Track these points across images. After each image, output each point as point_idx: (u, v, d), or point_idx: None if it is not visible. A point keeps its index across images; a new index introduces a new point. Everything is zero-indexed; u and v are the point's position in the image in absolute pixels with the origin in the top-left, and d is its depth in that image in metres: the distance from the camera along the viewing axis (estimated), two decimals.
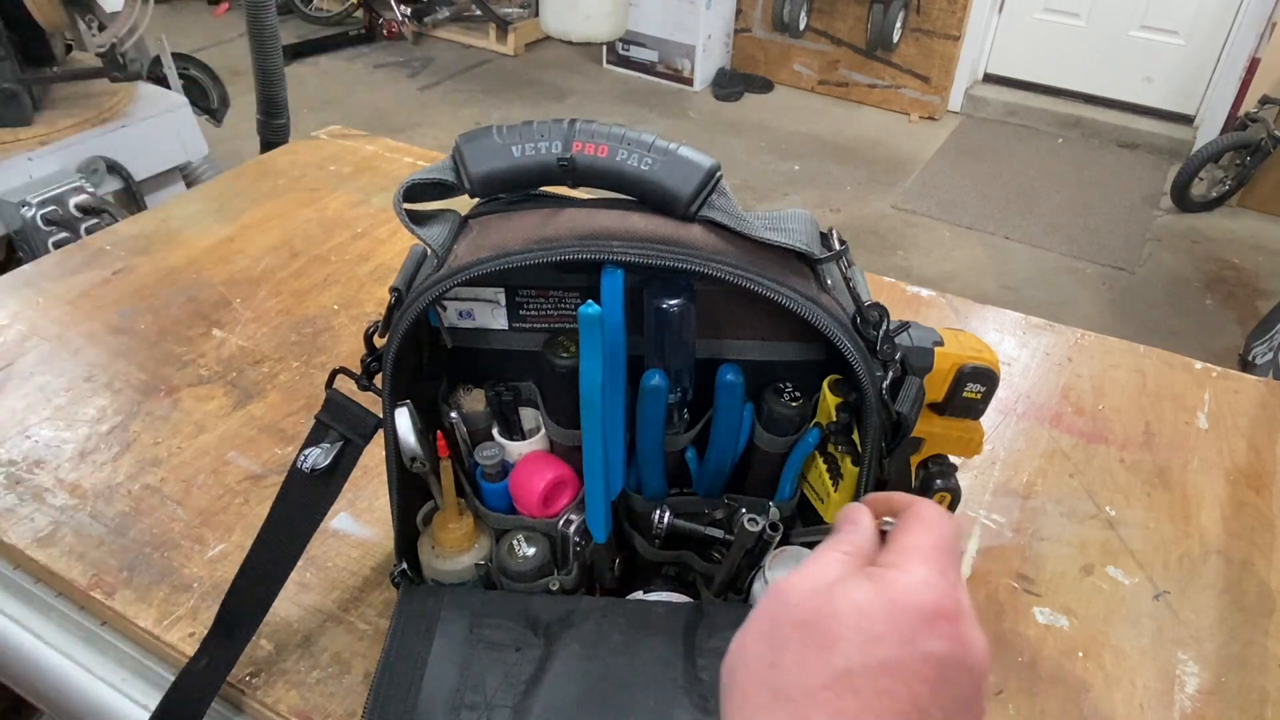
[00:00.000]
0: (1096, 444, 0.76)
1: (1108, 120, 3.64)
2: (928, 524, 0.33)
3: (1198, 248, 2.99)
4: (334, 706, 0.52)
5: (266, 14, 1.52)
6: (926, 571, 0.31)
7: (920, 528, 0.33)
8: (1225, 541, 0.67)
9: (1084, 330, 0.90)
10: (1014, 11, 3.72)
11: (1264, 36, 3.22)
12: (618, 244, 0.41)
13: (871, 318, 0.43)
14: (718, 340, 0.48)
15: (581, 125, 0.42)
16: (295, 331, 0.85)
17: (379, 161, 1.17)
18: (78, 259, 0.94)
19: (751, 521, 0.47)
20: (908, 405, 0.42)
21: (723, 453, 0.50)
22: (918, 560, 0.31)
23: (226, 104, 1.97)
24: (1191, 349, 1.75)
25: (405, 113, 3.72)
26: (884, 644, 0.29)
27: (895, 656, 0.29)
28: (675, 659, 0.46)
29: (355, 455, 0.50)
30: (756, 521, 0.47)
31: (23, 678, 0.62)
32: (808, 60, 3.97)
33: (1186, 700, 0.56)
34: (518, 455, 0.52)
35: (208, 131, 1.78)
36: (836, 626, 0.29)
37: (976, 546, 0.66)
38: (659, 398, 0.46)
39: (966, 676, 0.29)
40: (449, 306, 0.48)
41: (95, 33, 1.46)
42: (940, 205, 3.16)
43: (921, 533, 0.33)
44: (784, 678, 0.29)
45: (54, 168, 1.48)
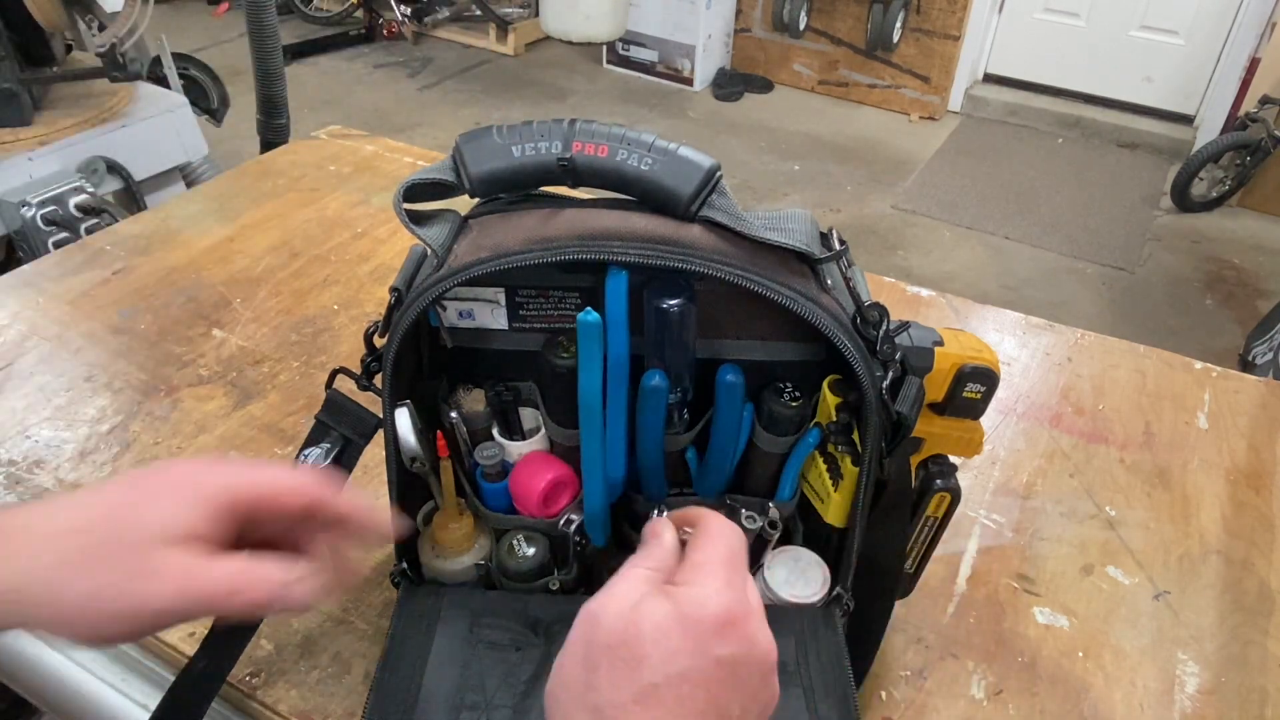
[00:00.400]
0: (1096, 444, 0.76)
1: (1108, 120, 3.64)
2: (714, 537, 0.37)
3: (1198, 248, 2.99)
4: (334, 706, 0.52)
5: (266, 14, 1.52)
6: (715, 583, 0.35)
7: (708, 542, 0.37)
8: (1225, 541, 0.67)
9: (1084, 330, 0.90)
10: (1014, 11, 3.72)
11: (1264, 36, 3.22)
12: (618, 244, 0.41)
13: (871, 318, 0.43)
14: (718, 340, 0.48)
15: (581, 125, 0.42)
16: (295, 331, 0.85)
17: (379, 161, 1.17)
18: (78, 259, 0.95)
19: (749, 519, 0.47)
20: (908, 405, 0.42)
21: (723, 453, 0.50)
22: (707, 574, 0.35)
23: (226, 104, 1.97)
24: (1191, 349, 1.75)
25: (405, 113, 3.72)
26: (681, 656, 0.33)
27: (692, 665, 0.33)
28: None
29: (355, 455, 0.50)
30: (755, 520, 0.47)
31: (23, 678, 0.62)
32: (808, 60, 3.97)
33: (1186, 700, 0.56)
34: (518, 455, 0.52)
35: (208, 131, 1.78)
36: (641, 646, 0.33)
37: (976, 546, 0.66)
38: (659, 398, 0.46)
39: (755, 669, 0.34)
40: (449, 306, 0.48)
41: (95, 33, 1.47)
42: (940, 205, 3.16)
43: (709, 546, 0.37)
44: (599, 697, 0.33)
45: (54, 168, 1.48)
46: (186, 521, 0.36)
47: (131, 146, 1.59)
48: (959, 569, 0.64)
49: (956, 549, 0.65)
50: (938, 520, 0.50)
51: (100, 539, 0.35)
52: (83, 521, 0.36)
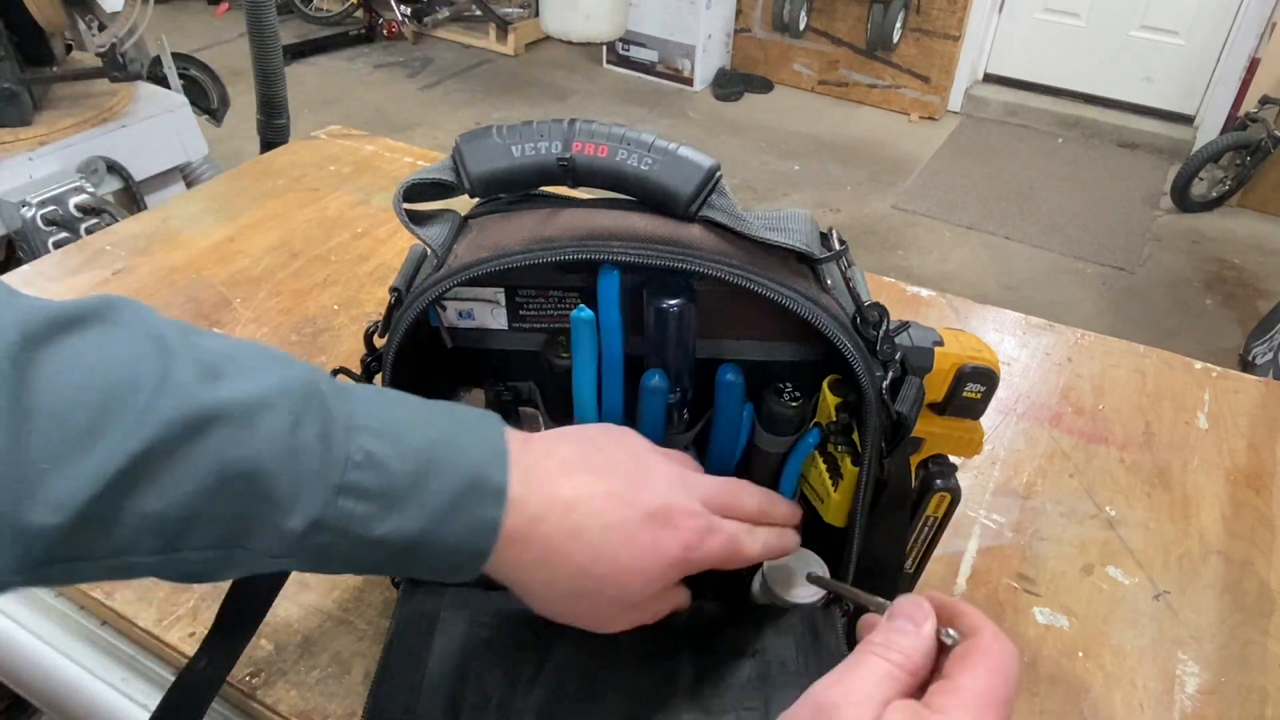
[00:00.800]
0: (1096, 444, 0.76)
1: (1108, 120, 3.64)
2: (990, 664, 0.32)
3: (1198, 248, 2.99)
4: (334, 706, 0.52)
5: (266, 14, 1.52)
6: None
7: (981, 666, 0.32)
8: (1225, 541, 0.67)
9: (1084, 330, 0.90)
10: (1014, 11, 3.72)
11: (1264, 36, 3.22)
12: (617, 244, 0.41)
13: (871, 318, 0.43)
14: (718, 340, 0.48)
15: (581, 125, 0.42)
16: (295, 331, 0.85)
17: (379, 161, 1.17)
18: (78, 259, 0.95)
19: None
20: (907, 405, 0.42)
21: (722, 453, 0.50)
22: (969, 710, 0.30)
23: (226, 104, 1.97)
24: (1191, 349, 1.75)
25: (405, 113, 3.73)
26: None
27: None
28: (675, 659, 0.46)
29: None
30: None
31: (23, 678, 0.62)
32: (808, 60, 3.97)
33: (1186, 700, 0.56)
34: None
35: (208, 131, 1.78)
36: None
37: (976, 546, 0.66)
38: (658, 398, 0.46)
39: None
40: (449, 306, 0.48)
41: (95, 33, 1.47)
42: (940, 205, 3.16)
43: (981, 675, 0.32)
44: None
45: (54, 168, 1.48)
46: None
47: (131, 146, 1.59)
48: (959, 569, 0.64)
49: (956, 549, 0.65)
50: (938, 520, 0.50)
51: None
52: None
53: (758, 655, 0.46)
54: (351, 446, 0.34)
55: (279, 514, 0.33)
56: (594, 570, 0.38)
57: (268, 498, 0.32)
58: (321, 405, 0.34)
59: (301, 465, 0.33)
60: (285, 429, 0.33)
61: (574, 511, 0.38)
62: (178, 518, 0.31)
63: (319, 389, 0.35)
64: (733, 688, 0.45)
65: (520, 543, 0.37)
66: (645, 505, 0.39)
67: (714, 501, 0.42)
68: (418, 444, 0.36)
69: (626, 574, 0.39)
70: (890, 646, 0.33)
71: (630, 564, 0.39)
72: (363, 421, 0.35)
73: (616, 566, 0.39)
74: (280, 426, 0.33)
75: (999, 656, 0.32)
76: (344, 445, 0.34)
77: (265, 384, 0.33)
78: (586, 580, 0.39)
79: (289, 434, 0.33)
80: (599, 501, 0.39)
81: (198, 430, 0.31)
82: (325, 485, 0.33)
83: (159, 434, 0.30)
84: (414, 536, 0.35)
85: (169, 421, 0.30)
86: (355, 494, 0.34)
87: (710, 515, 0.41)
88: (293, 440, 0.33)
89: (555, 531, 0.38)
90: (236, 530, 0.32)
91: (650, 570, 0.39)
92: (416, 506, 0.35)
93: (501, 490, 0.37)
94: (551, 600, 0.40)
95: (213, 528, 0.32)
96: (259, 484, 0.32)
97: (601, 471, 0.40)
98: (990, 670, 0.32)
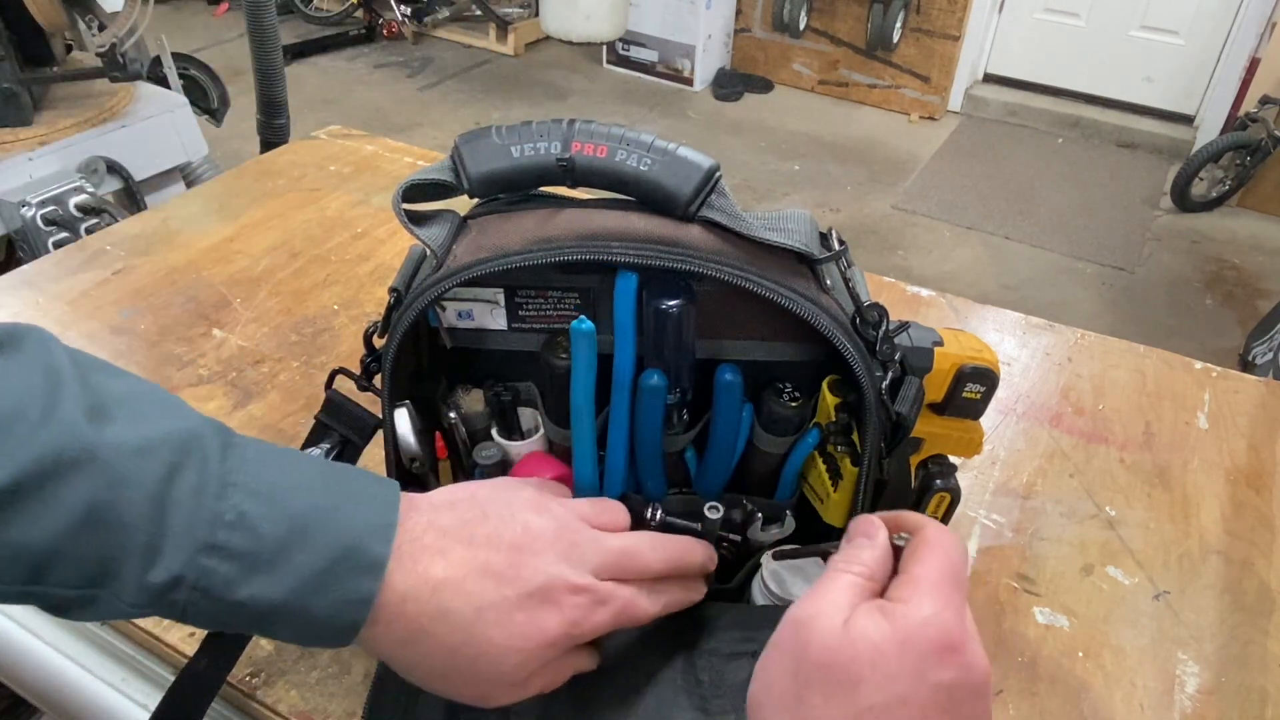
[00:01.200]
0: (1096, 444, 0.76)
1: (1108, 120, 3.64)
2: (935, 549, 0.35)
3: (1198, 248, 2.99)
4: (334, 706, 0.52)
5: (266, 14, 1.52)
6: (934, 605, 0.33)
7: (929, 554, 0.35)
8: (1225, 541, 0.67)
9: (1084, 330, 0.90)
10: (1014, 11, 3.72)
11: (1264, 36, 3.22)
12: (617, 244, 0.41)
13: (871, 318, 0.43)
14: (717, 340, 0.48)
15: (580, 125, 0.42)
16: (295, 331, 0.85)
17: (379, 161, 1.17)
18: (78, 259, 0.95)
19: (712, 509, 0.47)
20: (907, 405, 0.42)
21: (722, 453, 0.50)
22: (926, 593, 0.34)
23: (226, 104, 1.97)
24: (1191, 349, 1.75)
25: (405, 113, 3.73)
26: (899, 680, 0.32)
27: (910, 691, 0.32)
28: (674, 659, 0.46)
29: (355, 456, 0.50)
30: (717, 509, 0.47)
31: (23, 678, 0.62)
32: (808, 60, 3.97)
33: (1186, 700, 0.56)
34: (517, 455, 0.52)
35: (208, 131, 1.78)
36: (857, 668, 0.32)
37: (976, 546, 0.66)
38: (657, 398, 0.46)
39: (975, 697, 0.33)
40: (448, 307, 0.48)
41: (95, 33, 1.47)
42: (940, 205, 3.16)
43: (930, 560, 0.35)
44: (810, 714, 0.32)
45: (54, 168, 1.48)
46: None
47: (131, 146, 1.59)
48: None
49: None
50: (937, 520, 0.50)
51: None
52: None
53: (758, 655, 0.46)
54: (225, 505, 0.34)
55: (141, 564, 0.32)
56: (464, 651, 0.37)
57: (130, 546, 0.32)
58: (203, 459, 0.34)
59: (169, 518, 0.33)
60: (158, 479, 0.33)
61: (442, 592, 0.37)
62: (42, 551, 0.31)
63: (204, 443, 0.34)
64: (733, 688, 0.45)
65: (385, 621, 0.36)
66: (524, 584, 0.38)
67: (609, 568, 0.41)
68: (296, 508, 0.35)
69: (500, 654, 0.38)
70: (851, 560, 0.36)
71: (505, 644, 0.37)
72: (243, 480, 0.35)
73: (489, 647, 0.37)
74: (153, 476, 0.33)
75: (944, 544, 0.36)
76: (217, 503, 0.34)
77: (149, 431, 0.33)
78: (457, 660, 0.38)
79: (161, 484, 0.33)
80: (473, 580, 0.37)
81: (71, 467, 0.31)
82: (191, 541, 0.33)
83: (32, 466, 0.30)
84: (277, 603, 0.34)
85: (42, 456, 0.31)
86: (221, 554, 0.33)
87: (600, 586, 0.40)
88: (164, 491, 0.33)
89: (421, 612, 0.36)
90: (98, 573, 0.32)
91: (526, 650, 0.38)
92: (283, 572, 0.34)
93: (380, 563, 0.36)
94: (425, 678, 0.39)
95: (76, 567, 0.32)
96: (123, 531, 0.32)
97: (481, 545, 0.38)
98: (939, 556, 0.35)
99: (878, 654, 0.32)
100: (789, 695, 0.33)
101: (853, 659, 0.32)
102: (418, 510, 0.38)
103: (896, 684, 0.32)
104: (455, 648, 0.37)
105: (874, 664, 0.32)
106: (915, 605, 0.33)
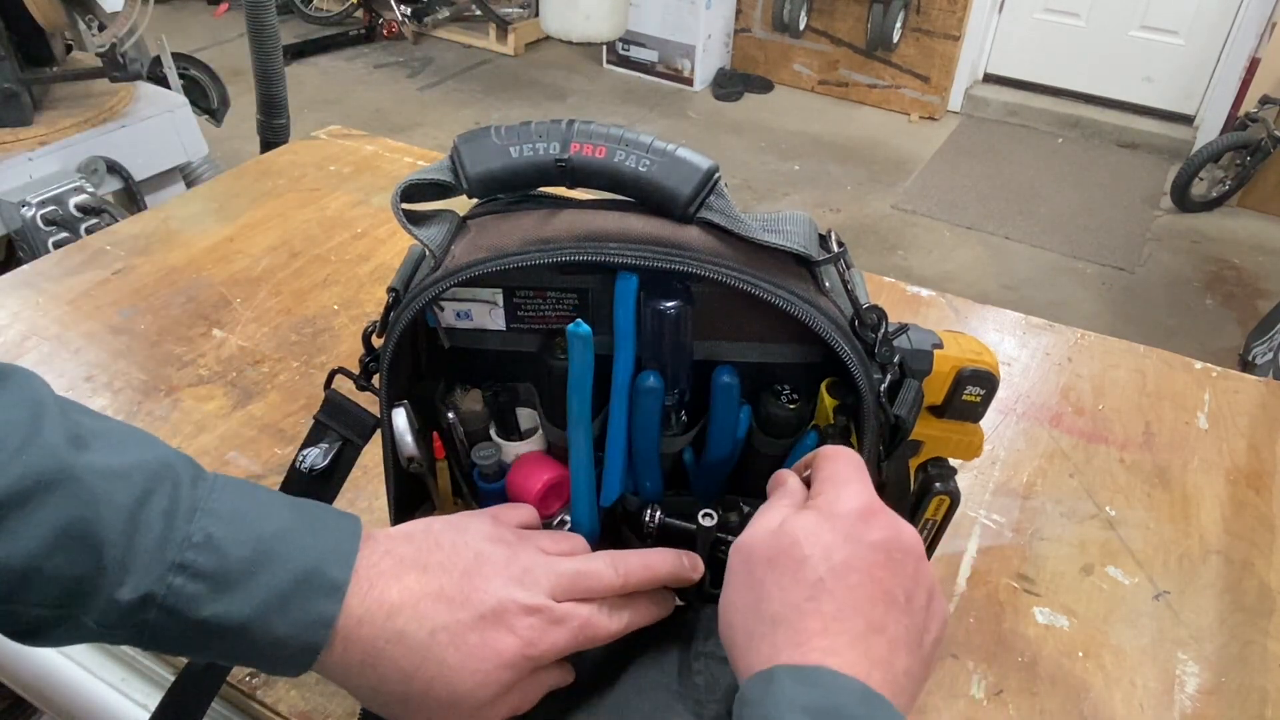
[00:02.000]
0: (1096, 444, 0.76)
1: (1108, 120, 3.64)
2: (832, 458, 0.41)
3: (1198, 248, 2.99)
4: (334, 707, 0.52)
5: (266, 14, 1.52)
6: (845, 489, 0.38)
7: (828, 462, 0.40)
8: (1225, 541, 0.67)
9: (1084, 330, 0.90)
10: (1014, 11, 3.72)
11: (1264, 36, 3.22)
12: (615, 246, 0.41)
13: (870, 320, 0.43)
14: (715, 342, 0.48)
15: (579, 126, 0.42)
16: (295, 331, 0.85)
17: (379, 161, 1.17)
18: (78, 259, 0.95)
19: (706, 516, 0.47)
20: (906, 408, 0.42)
21: (720, 454, 0.50)
22: (838, 483, 0.39)
23: (226, 104, 1.97)
24: (1191, 349, 1.75)
25: (405, 113, 3.73)
26: (837, 548, 0.36)
27: (851, 553, 0.36)
28: (669, 663, 0.46)
29: (354, 455, 0.50)
30: (711, 516, 0.48)
31: (23, 678, 0.62)
32: (808, 60, 3.97)
33: (1186, 700, 0.56)
34: (514, 455, 0.52)
35: (208, 131, 1.78)
36: (798, 550, 0.36)
37: (976, 546, 0.66)
38: (655, 399, 0.46)
39: (910, 555, 0.37)
40: (446, 307, 0.48)
41: (95, 33, 1.47)
42: (940, 205, 3.16)
43: (830, 464, 0.40)
44: (773, 606, 0.35)
45: (54, 168, 1.48)
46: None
47: (131, 146, 1.59)
48: (959, 569, 0.64)
49: (956, 549, 0.65)
50: (937, 523, 0.50)
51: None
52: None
53: None
54: (193, 528, 0.35)
55: (112, 582, 0.34)
56: (420, 674, 0.38)
57: (103, 563, 0.34)
58: (174, 486, 0.36)
59: (141, 538, 0.34)
60: (132, 501, 0.34)
61: (397, 615, 0.38)
62: (20, 569, 0.32)
63: (175, 472, 0.36)
64: (728, 691, 0.45)
65: (341, 644, 0.37)
66: (477, 606, 0.39)
67: (564, 590, 0.41)
68: (261, 532, 0.36)
69: (456, 676, 0.38)
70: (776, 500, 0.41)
71: (460, 665, 0.38)
72: (211, 506, 0.36)
73: (444, 669, 0.38)
74: (128, 498, 0.34)
75: (833, 452, 0.41)
76: (186, 526, 0.35)
77: (125, 459, 0.35)
78: (413, 684, 0.38)
79: (135, 506, 0.34)
80: (426, 604, 0.38)
81: (50, 487, 0.33)
82: (161, 561, 0.34)
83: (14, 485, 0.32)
84: (241, 621, 0.35)
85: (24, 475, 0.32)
86: (188, 573, 0.35)
87: (555, 607, 0.40)
88: (137, 513, 0.34)
89: (377, 635, 0.37)
90: (72, 592, 0.34)
91: (483, 671, 0.38)
92: (247, 592, 0.35)
93: (340, 586, 0.37)
94: (385, 704, 0.39)
95: (50, 586, 0.33)
96: (97, 549, 0.33)
97: (436, 570, 0.40)
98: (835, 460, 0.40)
99: (812, 535, 0.36)
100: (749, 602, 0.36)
101: (793, 543, 0.36)
102: (376, 541, 0.40)
103: (837, 552, 0.36)
104: (411, 671, 0.38)
105: (811, 542, 0.36)
106: (829, 495, 0.38)
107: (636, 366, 0.46)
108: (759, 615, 0.36)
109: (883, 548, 0.36)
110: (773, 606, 0.35)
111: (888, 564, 0.36)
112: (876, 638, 0.34)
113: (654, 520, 0.51)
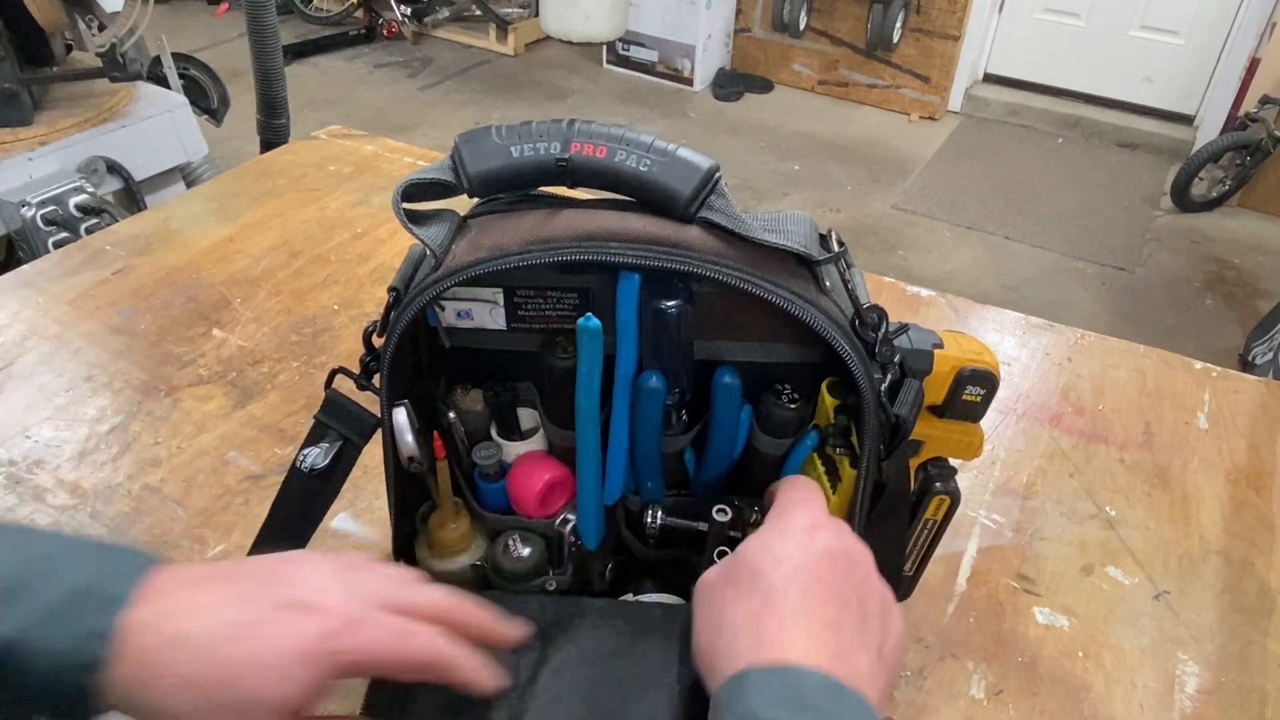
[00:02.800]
0: (1096, 444, 0.76)
1: (1108, 120, 3.64)
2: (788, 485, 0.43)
3: (1198, 248, 2.99)
4: (333, 707, 0.52)
5: (266, 14, 1.52)
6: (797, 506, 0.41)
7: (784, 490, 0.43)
8: (1225, 541, 0.67)
9: (1084, 330, 0.90)
10: (1014, 11, 3.72)
11: (1264, 36, 3.22)
12: (616, 245, 0.41)
13: (870, 320, 0.43)
14: (716, 342, 0.48)
15: (580, 126, 0.42)
16: (295, 331, 0.85)
17: (379, 161, 1.17)
18: (78, 259, 0.95)
19: (720, 512, 0.48)
20: (906, 408, 0.42)
21: (720, 454, 0.50)
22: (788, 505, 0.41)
23: (226, 104, 1.97)
24: (1191, 349, 1.74)
25: (405, 113, 3.72)
26: (788, 558, 0.38)
27: (801, 560, 0.38)
28: (671, 662, 0.46)
29: (354, 455, 0.50)
30: (725, 512, 0.48)
31: None
32: (808, 60, 3.97)
33: (1186, 700, 0.56)
34: (515, 455, 0.52)
35: (208, 131, 1.78)
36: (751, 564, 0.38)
37: (976, 546, 0.66)
38: (656, 399, 0.46)
39: (857, 566, 0.39)
40: (447, 306, 0.48)
41: (95, 33, 1.47)
42: (940, 205, 3.16)
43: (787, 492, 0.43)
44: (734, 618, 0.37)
45: (54, 168, 1.48)
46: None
47: (131, 146, 1.59)
48: (959, 569, 0.64)
49: (956, 549, 0.65)
50: (937, 523, 0.50)
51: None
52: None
53: None
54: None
55: None
56: (207, 677, 0.34)
57: None
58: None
59: None
60: None
61: (183, 619, 0.34)
62: None
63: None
64: None
65: (119, 661, 0.33)
66: (272, 598, 0.36)
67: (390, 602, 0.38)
68: (42, 552, 0.35)
69: (250, 673, 0.34)
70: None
71: (252, 660, 0.34)
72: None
73: (233, 669, 0.34)
74: None
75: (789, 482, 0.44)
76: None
77: None
78: (198, 692, 0.34)
79: None
80: (219, 606, 0.35)
81: None
82: None
83: None
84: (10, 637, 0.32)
85: None
86: None
87: (371, 609, 0.37)
88: None
89: (157, 643, 0.34)
90: None
91: (279, 664, 0.34)
92: (17, 606, 0.33)
93: (120, 598, 0.34)
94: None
95: None
96: None
97: (236, 578, 0.37)
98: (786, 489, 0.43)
99: (763, 550, 0.39)
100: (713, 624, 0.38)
101: (747, 559, 0.39)
102: (177, 566, 0.37)
103: (787, 561, 0.38)
104: (195, 680, 0.34)
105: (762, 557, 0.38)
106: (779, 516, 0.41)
107: (638, 366, 0.45)
108: (720, 631, 0.37)
109: (830, 555, 0.38)
110: (734, 618, 0.37)
111: (835, 570, 0.38)
112: (831, 633, 0.36)
113: (656, 522, 0.51)
